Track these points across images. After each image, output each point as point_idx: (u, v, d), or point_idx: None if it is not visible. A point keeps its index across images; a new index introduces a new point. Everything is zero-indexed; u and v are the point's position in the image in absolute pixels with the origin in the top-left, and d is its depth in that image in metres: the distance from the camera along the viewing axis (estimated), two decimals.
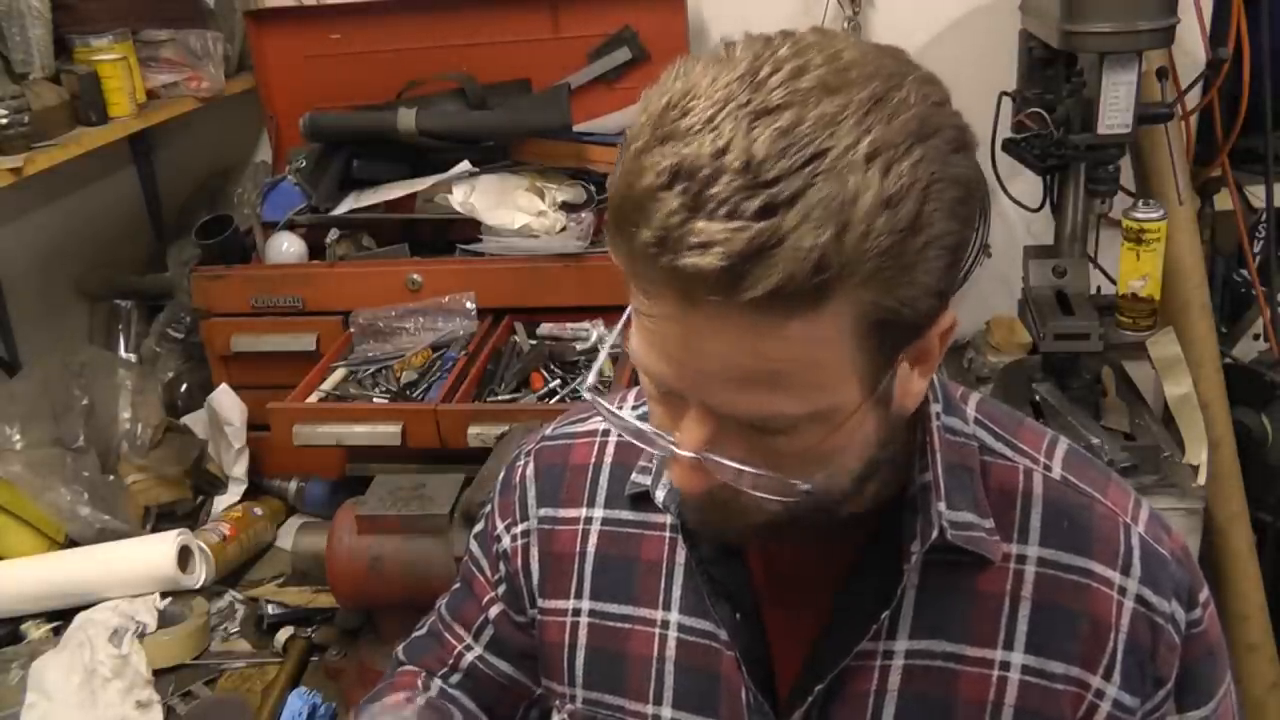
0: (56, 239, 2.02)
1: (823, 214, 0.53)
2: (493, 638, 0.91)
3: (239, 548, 1.67)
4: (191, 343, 1.99)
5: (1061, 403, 1.63)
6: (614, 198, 0.59)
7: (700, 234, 0.53)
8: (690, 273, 0.54)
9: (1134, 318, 1.66)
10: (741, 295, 0.54)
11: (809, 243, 0.53)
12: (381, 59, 2.02)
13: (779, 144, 0.54)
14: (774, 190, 0.53)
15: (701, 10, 2.06)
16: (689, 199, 0.54)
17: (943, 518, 0.70)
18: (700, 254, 0.53)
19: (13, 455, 1.59)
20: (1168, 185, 1.75)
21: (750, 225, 0.53)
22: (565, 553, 0.84)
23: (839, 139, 0.55)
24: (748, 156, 0.54)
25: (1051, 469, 0.75)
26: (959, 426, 0.75)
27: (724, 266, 0.53)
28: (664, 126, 0.57)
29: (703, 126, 0.56)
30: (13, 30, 1.58)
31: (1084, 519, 0.73)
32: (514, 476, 0.89)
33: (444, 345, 1.77)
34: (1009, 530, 0.73)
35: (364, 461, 1.67)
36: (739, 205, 0.53)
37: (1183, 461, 1.60)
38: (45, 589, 1.53)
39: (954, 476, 0.72)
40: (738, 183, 0.53)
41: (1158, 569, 0.72)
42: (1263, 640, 1.78)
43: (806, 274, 0.53)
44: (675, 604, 0.79)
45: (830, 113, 0.55)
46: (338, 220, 1.89)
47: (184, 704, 1.39)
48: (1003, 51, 1.84)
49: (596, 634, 0.82)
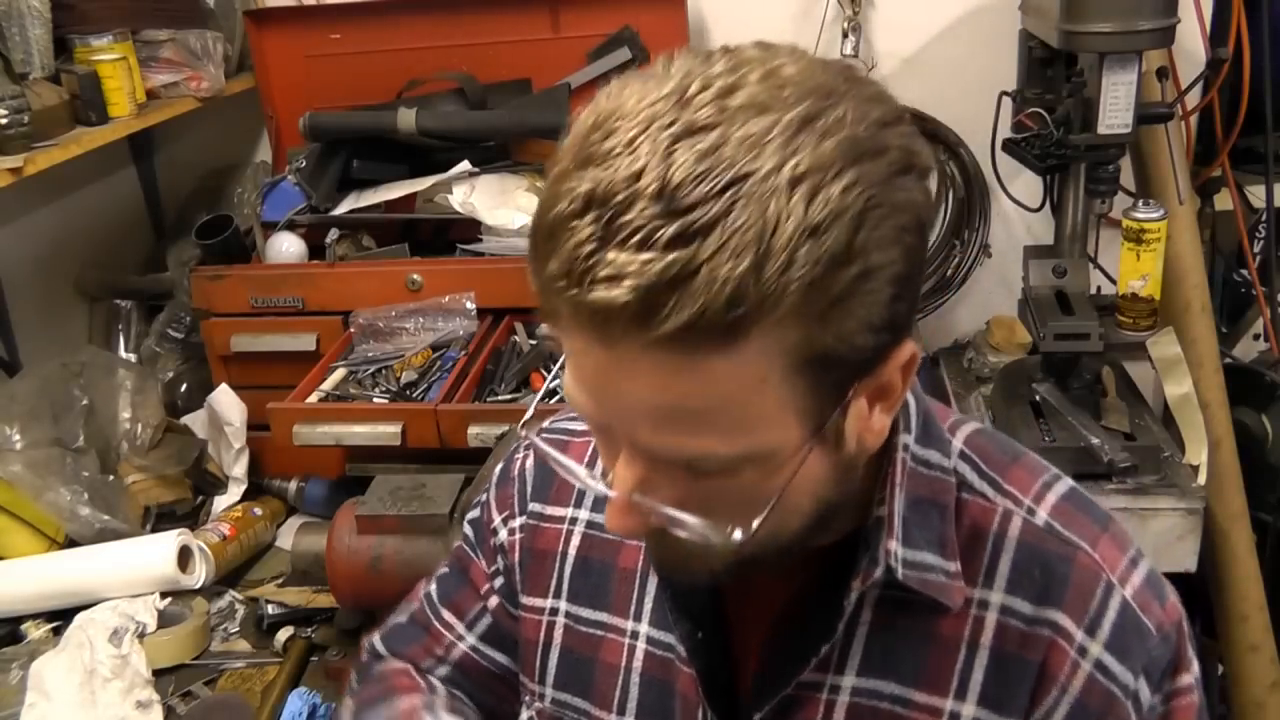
0: (56, 239, 2.02)
1: (740, 242, 0.50)
2: (489, 628, 0.90)
3: (239, 548, 1.67)
4: (191, 343, 1.99)
5: (1061, 403, 1.63)
6: (532, 225, 0.56)
7: (609, 265, 0.50)
8: (599, 307, 0.51)
9: (1134, 318, 1.66)
10: (652, 331, 0.50)
11: (724, 274, 0.49)
12: (381, 59, 2.02)
13: (698, 167, 0.51)
14: (689, 218, 0.50)
15: (701, 10, 2.06)
16: (600, 227, 0.51)
17: (892, 556, 0.66)
18: (608, 286, 0.50)
19: (13, 455, 1.59)
20: (1168, 185, 1.75)
21: (662, 256, 0.50)
22: (548, 551, 0.83)
23: (763, 161, 0.51)
24: (664, 181, 0.50)
25: (1036, 513, 0.70)
26: (935, 459, 0.70)
27: (633, 300, 0.50)
28: (585, 149, 0.54)
29: (623, 149, 0.52)
30: (13, 30, 1.58)
31: (1059, 569, 0.68)
32: (513, 469, 0.88)
33: (444, 345, 1.77)
34: (975, 574, 0.68)
35: (364, 461, 1.67)
36: (652, 234, 0.50)
37: (1183, 461, 1.60)
38: (45, 589, 1.53)
39: (918, 512, 0.68)
40: (652, 210, 0.50)
41: (1132, 638, 0.66)
42: (1263, 640, 1.78)
43: (721, 308, 0.50)
44: (645, 615, 0.78)
45: (756, 133, 0.52)
46: (338, 220, 1.89)
47: (184, 704, 1.39)
48: (1003, 51, 1.84)
49: (570, 636, 0.81)
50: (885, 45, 2.03)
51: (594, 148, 0.53)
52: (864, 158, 0.53)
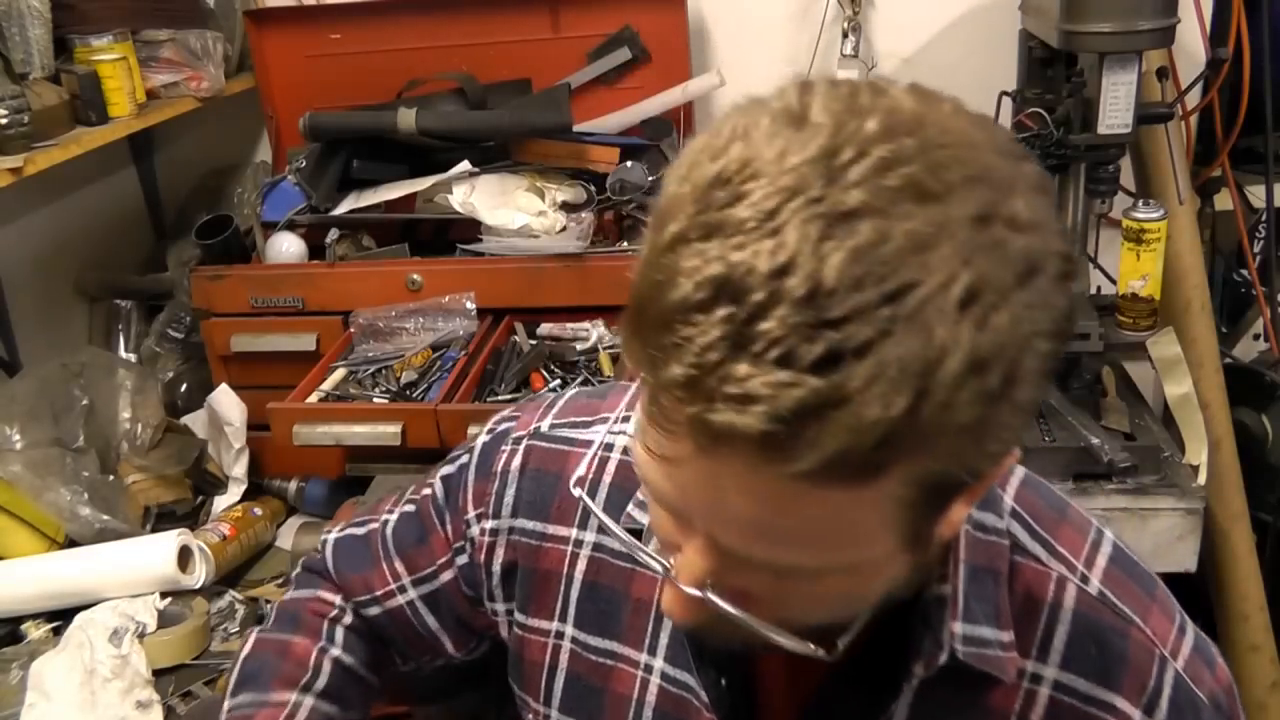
0: (56, 239, 2.02)
1: (898, 375, 0.42)
2: (432, 593, 0.88)
3: (239, 548, 1.67)
4: (191, 343, 1.99)
5: (1061, 403, 1.63)
6: (637, 299, 0.47)
7: (742, 383, 0.43)
8: (721, 431, 0.44)
9: (1134, 318, 1.66)
10: (780, 466, 0.44)
11: (876, 413, 0.42)
12: (381, 59, 2.02)
13: (854, 269, 0.43)
14: (841, 334, 0.42)
15: (701, 10, 2.06)
16: (734, 330, 0.43)
17: (956, 638, 0.62)
18: (739, 410, 0.43)
19: (13, 455, 1.58)
20: (1168, 185, 1.75)
21: (805, 380, 0.42)
22: (552, 572, 0.80)
23: (930, 272, 0.43)
24: (814, 283, 0.42)
25: (1089, 580, 0.66)
26: (990, 522, 0.66)
27: (765, 431, 0.43)
28: (711, 210, 0.45)
29: (760, 224, 0.44)
30: (13, 30, 1.58)
31: (1115, 646, 0.65)
32: (495, 462, 0.83)
33: (444, 345, 1.77)
34: (1028, 645, 0.65)
35: (364, 461, 1.67)
36: (795, 350, 0.42)
37: (1183, 461, 1.60)
38: (45, 589, 1.53)
39: (977, 583, 0.64)
40: (798, 318, 0.42)
41: (1187, 714, 0.65)
42: (1263, 641, 1.78)
43: (867, 450, 0.43)
44: (661, 650, 0.74)
45: (924, 233, 0.43)
46: (338, 220, 1.89)
47: (184, 704, 1.39)
48: (1003, 51, 1.84)
49: (577, 662, 0.78)
50: (885, 45, 2.03)
51: (725, 213, 0.45)
52: (1034, 273, 0.46)
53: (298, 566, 1.00)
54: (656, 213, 0.48)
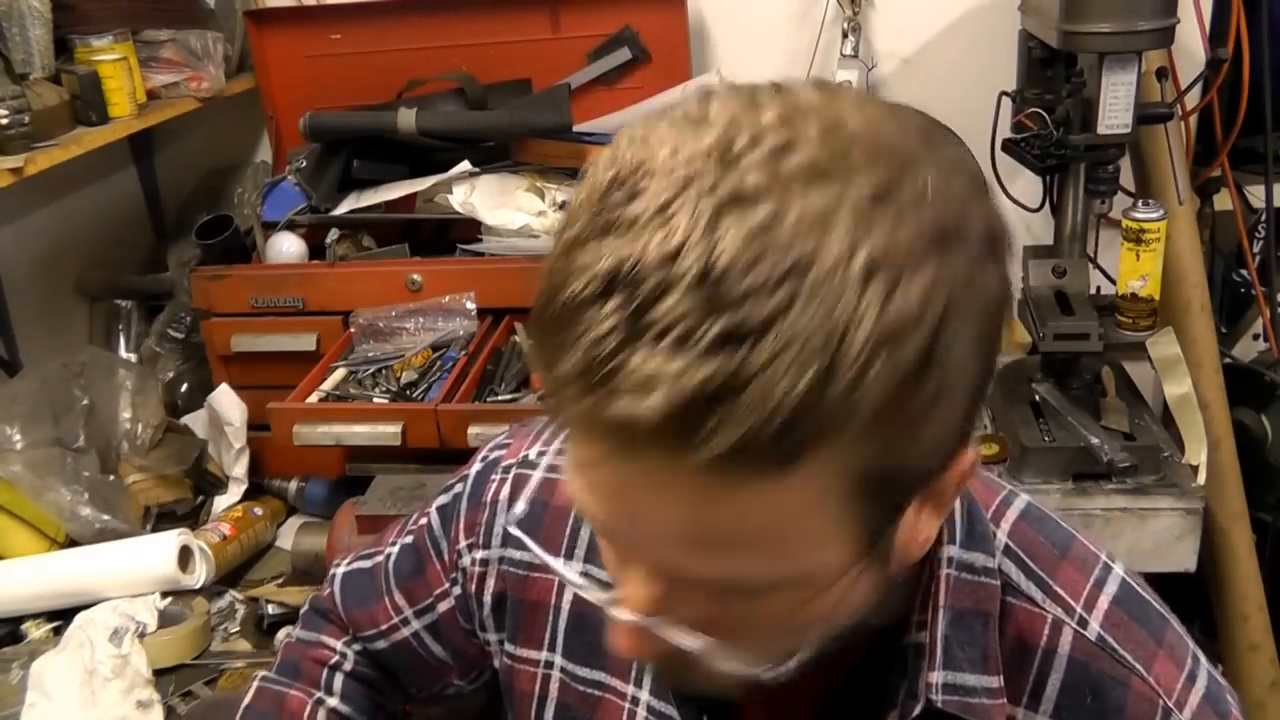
0: (56, 239, 2.02)
1: (802, 351, 0.41)
2: (434, 624, 0.88)
3: (239, 548, 1.67)
4: (191, 343, 1.99)
5: (1061, 403, 1.63)
6: (536, 303, 0.46)
7: (639, 370, 0.41)
8: (621, 420, 0.42)
9: (1134, 318, 1.66)
10: (687, 454, 0.42)
11: (781, 391, 0.41)
12: (381, 59, 2.02)
13: (749, 249, 0.41)
14: (739, 315, 0.41)
15: (701, 10, 2.06)
16: (626, 319, 0.42)
17: (933, 689, 0.59)
18: (637, 397, 0.41)
19: (13, 455, 1.58)
20: (1168, 185, 1.75)
21: (704, 362, 0.41)
22: (540, 603, 0.79)
23: (828, 246, 0.42)
24: (706, 264, 0.41)
25: (1088, 624, 0.62)
26: (979, 563, 0.62)
27: (666, 416, 0.41)
28: (606, 212, 0.44)
29: (653, 216, 0.43)
30: (13, 30, 1.58)
31: (1113, 696, 0.61)
32: (485, 492, 0.83)
33: (444, 345, 1.77)
34: (1019, 692, 0.62)
35: (364, 461, 1.67)
36: (691, 333, 0.41)
37: (1183, 461, 1.60)
38: (45, 589, 1.53)
39: (962, 627, 0.61)
40: (691, 301, 0.41)
41: None
42: (1263, 640, 1.78)
43: (775, 432, 0.41)
44: (646, 683, 0.72)
45: (819, 209, 0.42)
46: (338, 220, 1.89)
47: (184, 704, 1.39)
48: (1003, 51, 1.84)
49: (567, 693, 0.78)
50: (885, 45, 2.03)
51: (617, 212, 0.44)
52: (948, 244, 0.44)
53: (305, 604, 1.00)
54: (559, 225, 0.47)
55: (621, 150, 0.47)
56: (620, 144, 0.47)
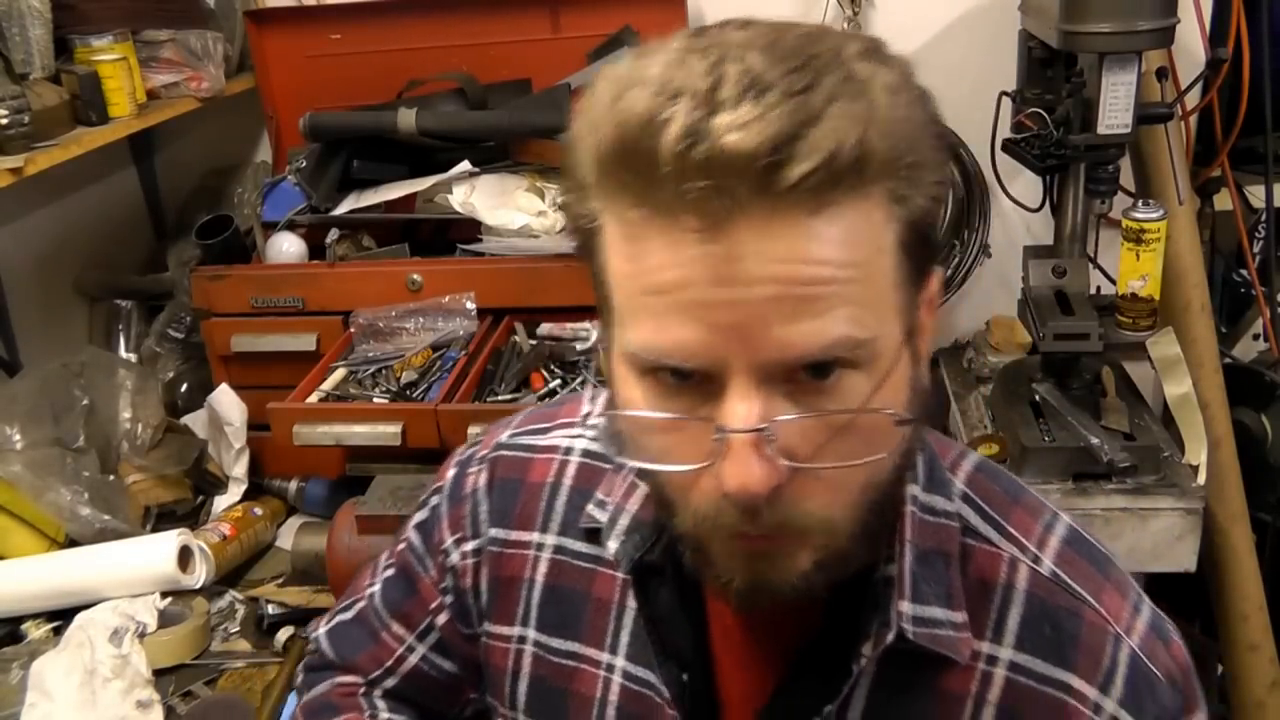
0: (56, 239, 2.02)
1: (846, 92, 0.50)
2: (438, 641, 0.87)
3: (239, 548, 1.67)
4: (191, 343, 1.99)
5: (1061, 403, 1.63)
6: (599, 145, 0.53)
7: (730, 121, 0.49)
8: (731, 157, 0.48)
9: (1134, 318, 1.66)
10: (789, 175, 0.49)
11: (845, 116, 0.50)
12: (381, 59, 2.02)
13: (770, 57, 0.51)
14: (787, 83, 0.50)
15: (702, 10, 2.06)
16: (701, 104, 0.49)
17: (904, 618, 0.63)
18: (739, 134, 0.48)
19: (13, 455, 1.59)
20: (1168, 185, 1.75)
21: (782, 103, 0.49)
22: (515, 577, 0.80)
23: (826, 45, 0.53)
24: (745, 68, 0.50)
25: (1041, 561, 0.68)
26: (940, 505, 0.68)
27: (767, 144, 0.48)
28: (627, 86, 0.52)
29: (676, 63, 0.52)
30: (13, 30, 1.58)
31: (1069, 625, 0.66)
32: (465, 486, 0.84)
33: (444, 345, 1.77)
34: (983, 626, 0.66)
35: (364, 461, 1.67)
36: (760, 93, 0.49)
37: (1183, 461, 1.60)
38: (45, 589, 1.53)
39: (926, 565, 0.65)
40: (746, 81, 0.50)
41: (1143, 691, 0.66)
42: (1263, 640, 1.78)
43: (851, 147, 0.50)
44: (622, 649, 0.74)
45: (809, 31, 0.54)
46: (338, 220, 1.89)
47: (184, 704, 1.39)
48: (1003, 51, 1.84)
49: (540, 665, 0.78)
50: None
51: (639, 74, 0.53)
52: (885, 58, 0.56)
53: (298, 675, 0.98)
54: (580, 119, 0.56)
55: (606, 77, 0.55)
56: (604, 77, 0.55)
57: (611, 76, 0.55)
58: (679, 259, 0.52)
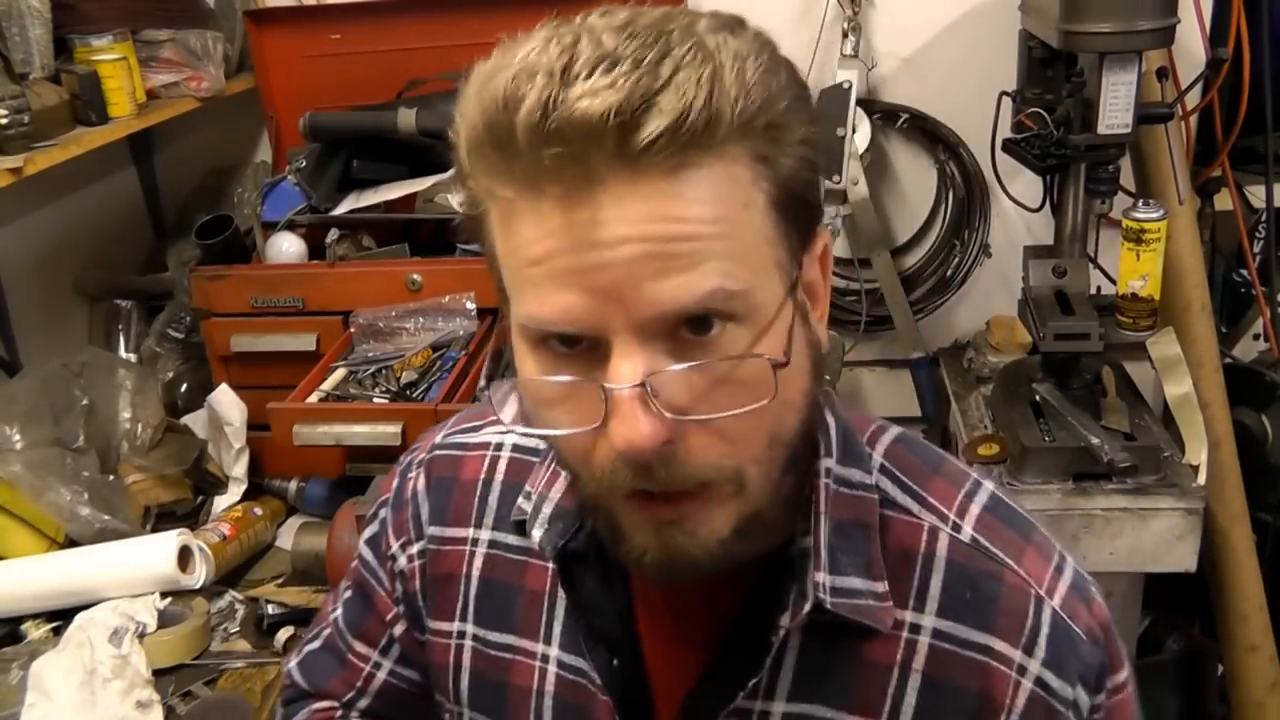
0: (56, 239, 2.02)
1: (694, 59, 0.53)
2: (400, 654, 0.88)
3: (239, 548, 1.67)
4: (191, 343, 1.99)
5: (1061, 403, 1.63)
6: (469, 132, 0.58)
7: (581, 91, 0.51)
8: (582, 123, 0.51)
9: (1134, 318, 1.66)
10: (641, 137, 0.51)
11: (692, 81, 0.52)
12: (381, 59, 2.02)
13: (620, 36, 0.53)
14: (638, 55, 0.52)
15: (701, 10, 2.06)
16: (556, 79, 0.52)
17: (821, 588, 0.64)
18: (589, 100, 0.51)
19: (13, 455, 1.58)
20: (1168, 185, 1.75)
21: (632, 72, 0.51)
22: (452, 574, 0.80)
23: (679, 23, 0.56)
24: (597, 46, 0.53)
25: (961, 528, 0.69)
26: (857, 478, 0.69)
27: (616, 108, 0.50)
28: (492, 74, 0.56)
29: (536, 52, 0.55)
30: (13, 30, 1.58)
31: (989, 589, 0.67)
32: (406, 491, 0.84)
33: (444, 345, 1.77)
34: (904, 595, 0.67)
35: (364, 461, 1.67)
36: (611, 65, 0.52)
37: (1183, 461, 1.61)
38: (45, 589, 1.53)
39: (844, 536, 0.66)
40: (598, 56, 0.52)
41: (1065, 650, 0.66)
42: (1263, 640, 1.78)
43: (700, 108, 0.52)
44: (555, 639, 0.75)
45: (661, 13, 0.57)
46: (338, 220, 1.89)
47: (184, 704, 1.39)
48: (1003, 51, 1.84)
49: (479, 659, 0.79)
50: (885, 45, 2.03)
51: (504, 58, 0.57)
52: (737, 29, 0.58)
53: (277, 709, 0.98)
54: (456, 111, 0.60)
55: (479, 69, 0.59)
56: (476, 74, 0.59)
57: (480, 69, 0.58)
58: (547, 229, 0.54)
